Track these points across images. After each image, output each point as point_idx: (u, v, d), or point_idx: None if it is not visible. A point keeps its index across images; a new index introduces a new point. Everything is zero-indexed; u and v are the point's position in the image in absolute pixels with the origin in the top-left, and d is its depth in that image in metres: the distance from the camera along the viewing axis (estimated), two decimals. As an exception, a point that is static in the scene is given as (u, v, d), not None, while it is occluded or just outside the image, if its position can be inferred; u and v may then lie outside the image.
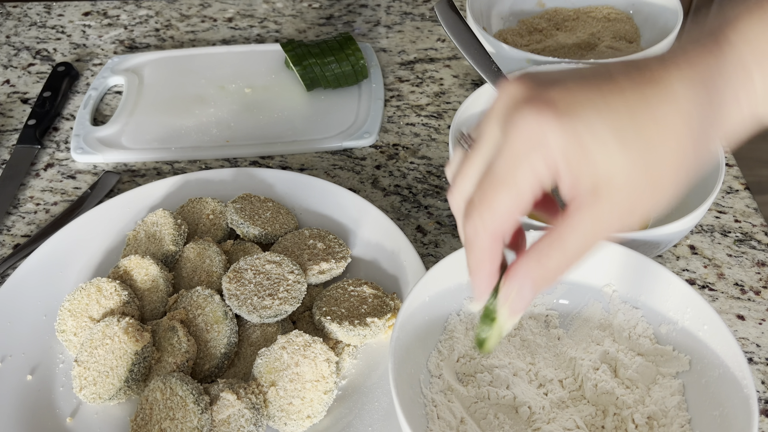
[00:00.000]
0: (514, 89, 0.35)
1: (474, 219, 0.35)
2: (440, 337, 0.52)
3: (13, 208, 0.73)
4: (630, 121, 0.32)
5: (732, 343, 0.45)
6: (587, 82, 0.34)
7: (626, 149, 0.32)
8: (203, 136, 0.79)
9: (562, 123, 0.32)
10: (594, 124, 0.32)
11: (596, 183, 0.33)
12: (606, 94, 0.33)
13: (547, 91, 0.33)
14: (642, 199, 0.33)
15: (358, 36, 0.94)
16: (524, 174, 0.33)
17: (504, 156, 0.34)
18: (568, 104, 0.33)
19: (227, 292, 0.56)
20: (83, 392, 0.53)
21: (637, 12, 0.84)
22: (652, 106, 0.33)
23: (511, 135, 0.33)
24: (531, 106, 0.33)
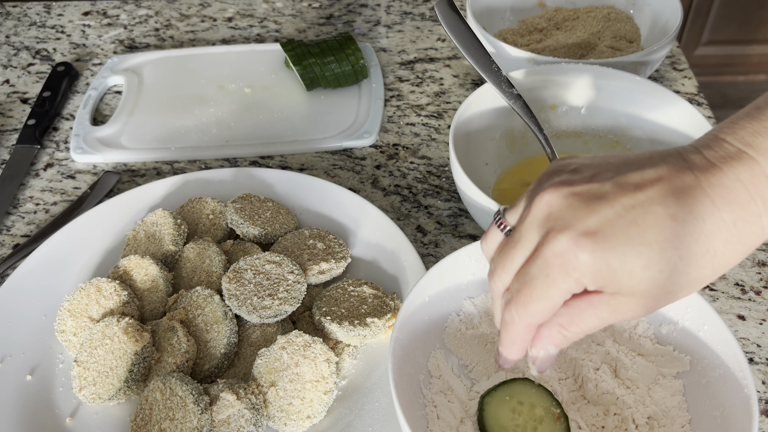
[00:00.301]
0: (555, 202, 0.38)
1: (511, 312, 0.40)
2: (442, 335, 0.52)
3: (12, 208, 0.73)
4: (658, 253, 0.36)
5: (732, 343, 0.45)
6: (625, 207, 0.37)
7: (651, 276, 0.36)
8: (203, 136, 0.79)
9: (596, 254, 0.36)
10: (625, 255, 0.36)
11: (619, 290, 0.37)
12: (640, 226, 0.36)
13: (586, 218, 0.37)
14: (656, 302, 0.38)
15: (358, 36, 0.94)
16: (557, 288, 0.38)
17: (539, 266, 0.38)
18: (604, 236, 0.36)
19: (227, 292, 0.56)
20: (83, 392, 0.53)
21: (637, 12, 0.84)
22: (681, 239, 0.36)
23: (548, 253, 0.37)
24: (569, 234, 0.37)
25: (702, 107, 0.80)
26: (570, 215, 0.37)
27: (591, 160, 0.40)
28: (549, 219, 0.38)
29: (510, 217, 0.42)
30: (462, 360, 0.52)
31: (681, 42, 2.07)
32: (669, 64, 0.86)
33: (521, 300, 0.39)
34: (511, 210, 0.42)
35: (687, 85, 0.84)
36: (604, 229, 0.36)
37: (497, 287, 0.42)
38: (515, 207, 0.42)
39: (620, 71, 0.68)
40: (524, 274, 0.39)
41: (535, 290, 0.38)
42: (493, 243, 0.43)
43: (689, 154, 0.38)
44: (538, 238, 0.39)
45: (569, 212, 0.37)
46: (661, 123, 0.67)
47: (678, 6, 0.78)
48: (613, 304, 0.38)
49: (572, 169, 0.40)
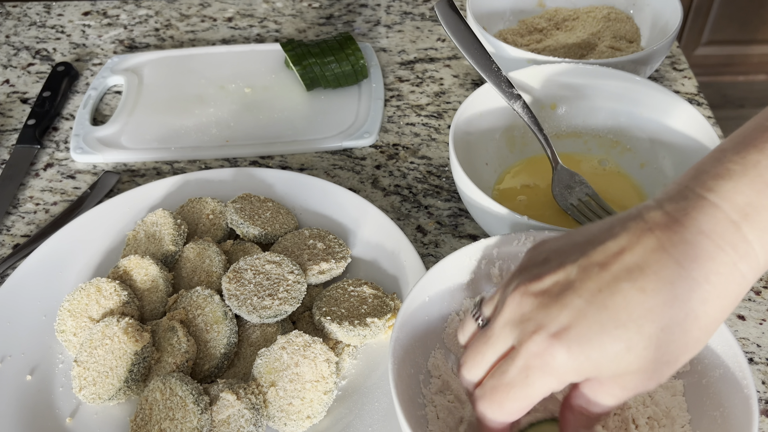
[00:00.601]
0: (525, 304, 0.38)
1: (485, 408, 0.40)
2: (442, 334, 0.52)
3: (12, 208, 0.73)
4: (636, 332, 0.35)
5: (732, 343, 0.45)
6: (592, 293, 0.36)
7: (637, 355, 0.35)
8: (203, 136, 0.79)
9: (572, 351, 0.35)
10: (603, 344, 0.35)
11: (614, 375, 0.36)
12: (610, 309, 0.35)
13: (557, 315, 0.36)
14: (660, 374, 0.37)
15: (358, 36, 0.94)
16: (536, 388, 0.37)
17: (517, 365, 0.38)
18: (576, 331, 0.35)
19: (227, 292, 0.56)
20: (83, 392, 0.53)
21: (637, 12, 0.84)
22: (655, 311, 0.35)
23: (525, 354, 0.37)
24: (541, 335, 0.36)
25: (702, 107, 0.80)
26: (541, 315, 0.37)
27: (559, 245, 0.40)
28: (522, 320, 0.38)
29: (486, 309, 0.42)
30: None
31: (681, 42, 2.07)
32: (669, 64, 0.86)
33: (496, 398, 0.39)
34: (488, 302, 0.42)
35: (687, 85, 0.84)
36: (576, 323, 0.35)
37: (467, 380, 0.42)
38: (491, 300, 0.42)
39: (620, 71, 0.68)
40: (501, 374, 0.39)
41: (511, 391, 0.38)
42: (469, 333, 0.44)
43: (650, 212, 0.37)
44: (511, 339, 0.39)
45: (540, 312, 0.37)
46: (661, 123, 0.67)
47: (678, 6, 0.78)
48: (620, 383, 0.37)
49: (542, 260, 0.39)
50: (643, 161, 0.68)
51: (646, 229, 0.36)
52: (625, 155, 0.69)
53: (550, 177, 0.65)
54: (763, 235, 0.35)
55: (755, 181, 0.35)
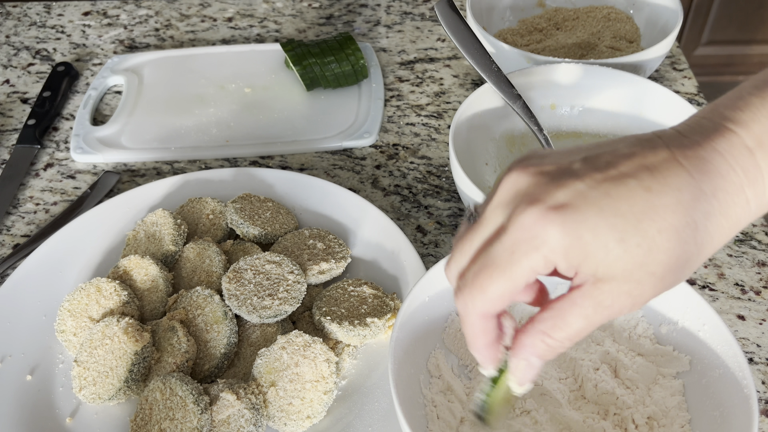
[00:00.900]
0: (522, 181, 0.36)
1: (465, 297, 0.37)
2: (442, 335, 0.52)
3: (12, 208, 0.73)
4: (633, 225, 0.34)
5: (732, 343, 0.45)
6: (596, 181, 0.35)
7: (627, 250, 0.34)
8: (203, 136, 0.79)
9: (566, 227, 0.34)
10: (597, 227, 0.34)
11: (596, 274, 0.34)
12: (613, 197, 0.34)
13: (555, 192, 0.35)
14: (641, 288, 0.35)
15: (358, 36, 0.94)
16: (521, 266, 0.35)
17: (503, 243, 0.35)
18: (574, 208, 0.34)
19: (227, 292, 0.56)
20: (83, 392, 0.53)
21: (637, 12, 0.84)
22: (657, 211, 0.34)
23: (514, 228, 0.35)
24: (537, 207, 0.34)
25: (702, 107, 0.80)
26: (538, 190, 0.35)
27: (563, 149, 0.38)
28: (516, 197, 0.36)
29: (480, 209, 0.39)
30: (462, 360, 0.52)
31: (681, 42, 2.07)
32: (669, 64, 0.86)
33: (478, 282, 0.36)
34: (482, 204, 0.39)
35: (687, 85, 0.84)
36: (575, 202, 0.34)
37: (452, 273, 0.38)
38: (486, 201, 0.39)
39: (620, 71, 0.68)
40: (485, 255, 0.36)
41: (495, 270, 0.35)
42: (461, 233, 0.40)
43: (663, 133, 0.36)
44: (502, 218, 0.36)
45: (537, 188, 0.35)
46: (661, 123, 0.67)
47: (678, 6, 0.78)
48: (596, 296, 0.35)
49: (541, 155, 0.38)
50: (643, 161, 0.68)
51: (660, 144, 0.36)
52: None
53: (550, 177, 0.65)
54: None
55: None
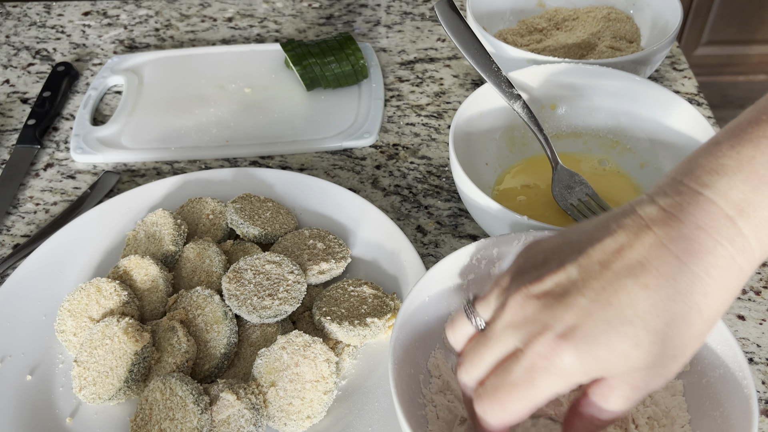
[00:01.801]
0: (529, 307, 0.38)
1: (485, 407, 0.39)
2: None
3: (12, 208, 0.73)
4: (642, 327, 0.35)
5: (732, 343, 0.45)
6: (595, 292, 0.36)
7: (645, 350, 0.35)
8: (203, 136, 0.79)
9: (579, 351, 0.35)
10: (610, 342, 0.35)
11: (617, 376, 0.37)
12: (615, 306, 0.35)
13: (562, 315, 0.36)
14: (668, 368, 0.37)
15: (358, 36, 0.94)
16: (541, 388, 0.37)
17: (522, 364, 0.37)
18: (583, 330, 0.35)
19: (227, 292, 0.56)
20: (83, 392, 0.53)
21: (637, 12, 0.84)
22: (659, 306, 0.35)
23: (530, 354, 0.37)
24: (548, 336, 0.36)
25: (702, 107, 0.80)
26: (546, 316, 0.37)
27: (555, 244, 0.40)
28: (525, 323, 0.37)
29: (481, 309, 0.41)
30: (462, 360, 0.52)
31: (681, 42, 2.07)
32: (669, 64, 0.86)
33: (498, 398, 0.38)
34: (482, 303, 0.42)
35: (687, 85, 0.84)
36: (582, 322, 0.35)
37: (466, 382, 0.41)
38: (486, 300, 0.41)
39: (620, 71, 0.68)
40: (504, 373, 0.38)
41: (515, 391, 0.37)
42: (462, 334, 0.42)
43: (645, 208, 0.37)
44: (513, 342, 0.38)
45: (544, 313, 0.37)
46: (661, 123, 0.67)
47: (678, 6, 0.78)
48: (630, 382, 0.37)
49: (541, 261, 0.39)
50: (643, 161, 0.68)
51: (643, 226, 0.36)
52: (625, 155, 0.69)
53: (550, 177, 0.65)
54: (758, 231, 0.35)
55: (750, 178, 0.35)
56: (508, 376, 0.38)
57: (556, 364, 0.36)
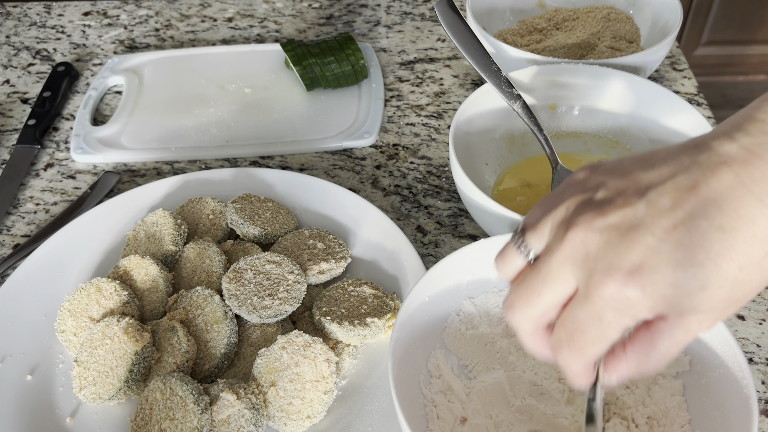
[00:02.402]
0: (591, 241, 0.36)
1: (566, 357, 0.38)
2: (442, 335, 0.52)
3: (13, 208, 0.73)
4: (713, 270, 0.33)
5: (732, 343, 0.45)
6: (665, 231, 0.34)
7: (711, 293, 0.34)
8: (203, 136, 0.79)
9: (647, 290, 0.34)
10: (678, 282, 0.34)
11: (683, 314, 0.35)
12: (687, 247, 0.34)
13: (627, 254, 0.34)
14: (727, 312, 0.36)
15: (358, 36, 0.94)
16: (611, 330, 0.36)
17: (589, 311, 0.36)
18: (650, 269, 0.34)
19: (227, 292, 0.56)
20: (83, 392, 0.53)
21: (637, 12, 0.84)
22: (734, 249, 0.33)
23: (597, 299, 0.35)
24: (614, 277, 0.34)
25: (702, 107, 0.80)
26: (610, 254, 0.35)
27: (611, 171, 0.38)
28: (587, 260, 0.36)
29: (533, 241, 0.39)
30: (462, 360, 0.52)
31: (681, 42, 2.07)
32: (669, 64, 0.86)
33: (576, 346, 0.37)
34: (534, 233, 0.39)
35: (687, 85, 0.84)
36: (649, 261, 0.34)
37: (519, 320, 0.40)
38: (537, 230, 0.39)
39: (620, 71, 0.68)
40: (572, 320, 0.37)
41: (589, 336, 0.36)
42: (513, 266, 0.40)
43: (722, 145, 0.35)
44: (574, 280, 0.37)
45: (608, 251, 0.35)
46: (661, 123, 0.67)
47: (678, 6, 0.78)
48: (685, 326, 0.36)
49: (595, 186, 0.37)
50: (643, 161, 0.68)
51: (720, 163, 0.34)
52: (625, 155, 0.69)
53: (550, 177, 0.65)
54: None
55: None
56: (576, 323, 0.37)
57: (623, 303, 0.34)
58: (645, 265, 0.34)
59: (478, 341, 0.52)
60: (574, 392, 0.50)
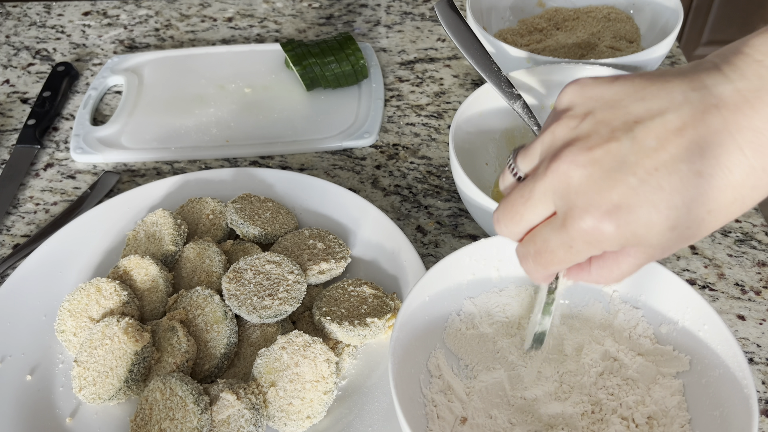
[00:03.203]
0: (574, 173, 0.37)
1: (529, 268, 0.42)
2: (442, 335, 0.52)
3: (12, 208, 0.73)
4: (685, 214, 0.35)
5: (732, 343, 0.45)
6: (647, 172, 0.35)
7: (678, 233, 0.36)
8: (203, 136, 0.79)
9: (621, 228, 0.36)
10: (651, 223, 0.35)
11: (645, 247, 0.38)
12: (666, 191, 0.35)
13: (608, 193, 0.36)
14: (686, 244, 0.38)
15: (358, 36, 0.94)
16: (579, 256, 0.38)
17: (562, 238, 0.38)
18: (628, 209, 0.35)
19: (227, 292, 0.56)
20: (83, 392, 0.53)
21: (637, 12, 0.84)
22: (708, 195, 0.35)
23: (572, 230, 0.37)
24: (592, 214, 0.36)
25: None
26: (592, 190, 0.36)
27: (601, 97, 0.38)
28: (569, 192, 0.37)
29: (522, 163, 0.41)
30: (462, 360, 0.52)
31: (681, 42, 2.07)
32: (669, 64, 0.86)
33: (541, 262, 0.40)
34: (524, 154, 0.41)
35: (687, 85, 0.84)
36: (628, 200, 0.35)
37: (505, 234, 0.42)
38: (528, 152, 0.41)
39: (620, 71, 0.67)
40: (543, 240, 0.39)
41: (556, 257, 0.39)
42: (506, 183, 0.43)
43: (717, 85, 0.35)
44: (553, 206, 0.38)
45: (590, 186, 0.36)
46: (661, 123, 0.67)
47: (678, 6, 0.78)
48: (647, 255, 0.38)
49: (583, 114, 0.38)
50: (643, 161, 0.68)
51: (711, 105, 0.35)
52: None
53: (550, 177, 0.65)
54: None
55: None
56: (547, 244, 0.39)
57: (596, 239, 0.36)
58: (623, 206, 0.35)
59: (479, 341, 0.52)
60: (574, 392, 0.50)
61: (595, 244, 0.37)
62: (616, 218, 0.35)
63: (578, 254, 0.38)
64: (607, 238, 0.36)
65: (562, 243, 0.38)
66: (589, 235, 0.36)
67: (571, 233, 0.37)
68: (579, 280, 0.42)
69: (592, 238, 0.36)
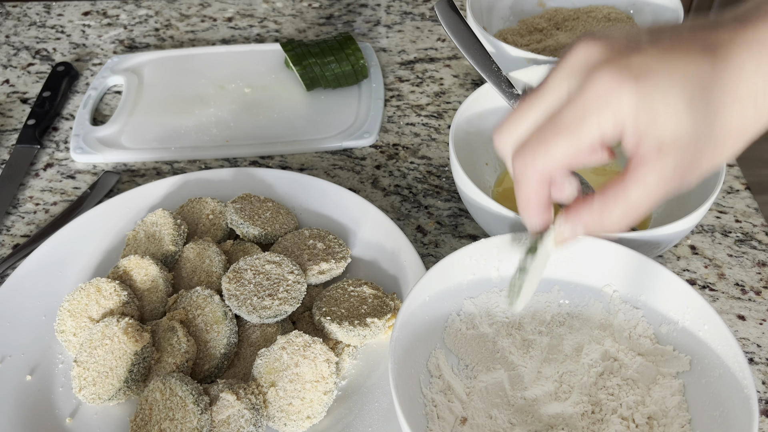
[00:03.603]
0: (592, 49, 0.36)
1: (526, 157, 0.37)
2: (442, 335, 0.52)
3: (12, 208, 0.73)
4: (701, 90, 0.35)
5: (732, 343, 0.45)
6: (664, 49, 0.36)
7: (694, 114, 0.35)
8: (203, 136, 0.79)
9: (638, 87, 0.34)
10: (668, 90, 0.34)
11: (662, 142, 0.35)
12: (682, 62, 0.35)
13: (627, 55, 0.35)
14: (703, 158, 0.36)
15: (358, 36, 0.94)
16: (590, 126, 0.35)
17: (574, 106, 0.36)
18: (646, 70, 0.35)
19: (227, 293, 0.56)
20: (83, 393, 0.53)
21: (638, 12, 0.84)
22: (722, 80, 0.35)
23: (587, 90, 0.35)
24: (611, 67, 0.35)
25: None
26: (613, 55, 0.36)
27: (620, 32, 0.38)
28: (587, 65, 0.36)
29: None
30: (462, 360, 0.52)
31: (681, 42, 2.07)
32: (669, 64, 0.86)
33: (542, 139, 0.37)
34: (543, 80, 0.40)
35: (687, 85, 0.84)
36: (647, 67, 0.35)
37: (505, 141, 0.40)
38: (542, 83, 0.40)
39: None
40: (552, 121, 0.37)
41: (563, 130, 0.36)
42: None
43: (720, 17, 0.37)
44: (571, 86, 0.37)
45: (612, 53, 0.36)
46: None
47: (678, 6, 0.78)
48: (660, 169, 0.36)
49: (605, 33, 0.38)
50: (643, 161, 0.68)
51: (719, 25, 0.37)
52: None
53: (550, 177, 0.65)
54: None
55: None
56: (556, 120, 0.36)
57: (612, 97, 0.35)
58: (642, 70, 0.35)
59: (479, 341, 0.52)
60: (574, 392, 0.50)
61: (610, 108, 0.35)
62: (635, 79, 0.35)
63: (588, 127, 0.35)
64: (624, 99, 0.34)
65: (574, 114, 0.35)
66: (606, 92, 0.35)
67: (587, 93, 0.35)
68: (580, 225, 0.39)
69: (608, 95, 0.35)
